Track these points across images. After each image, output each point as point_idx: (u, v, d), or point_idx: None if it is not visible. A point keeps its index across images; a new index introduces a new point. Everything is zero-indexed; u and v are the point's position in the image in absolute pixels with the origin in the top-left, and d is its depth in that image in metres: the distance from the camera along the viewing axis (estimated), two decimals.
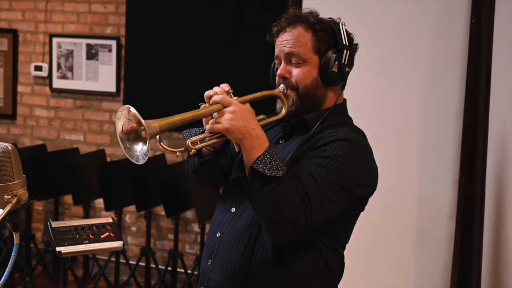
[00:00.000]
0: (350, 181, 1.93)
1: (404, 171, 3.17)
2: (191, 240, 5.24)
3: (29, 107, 5.70)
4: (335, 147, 1.94)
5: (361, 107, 2.83)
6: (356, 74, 2.21)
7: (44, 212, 5.69)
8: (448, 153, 3.10)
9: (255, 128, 1.88)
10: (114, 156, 5.39)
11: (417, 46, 3.18)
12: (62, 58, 5.54)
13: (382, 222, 3.15)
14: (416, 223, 3.14)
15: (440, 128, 3.13)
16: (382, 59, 3.22)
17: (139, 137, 1.83)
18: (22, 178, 1.72)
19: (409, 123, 3.19)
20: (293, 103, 2.06)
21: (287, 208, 1.82)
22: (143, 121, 1.79)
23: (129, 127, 1.84)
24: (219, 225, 2.10)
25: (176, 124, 1.89)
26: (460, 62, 3.05)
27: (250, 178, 1.86)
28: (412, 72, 3.18)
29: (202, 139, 1.95)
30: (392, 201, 3.15)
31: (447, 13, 3.10)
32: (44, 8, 5.56)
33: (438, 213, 3.10)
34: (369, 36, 3.00)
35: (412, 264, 3.13)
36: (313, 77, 2.05)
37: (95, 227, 2.71)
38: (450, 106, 3.10)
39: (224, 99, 1.90)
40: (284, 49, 2.06)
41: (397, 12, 3.19)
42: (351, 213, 2.08)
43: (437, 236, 3.10)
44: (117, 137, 1.87)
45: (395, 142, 3.16)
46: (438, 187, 3.11)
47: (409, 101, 3.19)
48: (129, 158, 1.86)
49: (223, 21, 5.01)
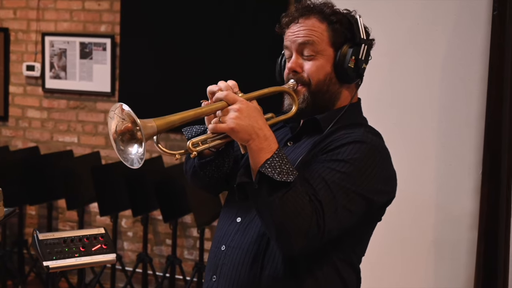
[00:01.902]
0: (367, 187, 1.76)
1: (420, 176, 2.95)
2: (190, 246, 5.07)
3: (21, 108, 5.51)
4: (350, 150, 1.77)
5: (374, 107, 2.60)
6: (368, 72, 1.98)
7: (37, 217, 5.51)
8: (468, 156, 2.88)
9: (263, 128, 1.71)
10: (109, 158, 5.21)
11: (433, 40, 2.94)
12: (55, 58, 5.32)
13: (396, 232, 2.90)
14: (433, 233, 2.93)
15: (459, 129, 2.90)
16: (395, 55, 3.00)
17: (134, 138, 1.66)
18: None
19: (425, 125, 2.96)
20: (304, 100, 1.89)
21: (298, 217, 1.65)
22: (138, 120, 1.62)
23: (123, 127, 1.67)
24: (224, 237, 1.93)
25: (175, 124, 1.70)
26: (481, 57, 2.83)
27: (257, 184, 1.68)
28: (428, 69, 2.95)
29: (204, 140, 1.77)
30: (407, 209, 2.91)
31: (466, 5, 2.86)
32: (36, 6, 5.36)
33: (458, 222, 2.88)
34: (380, 30, 2.71)
35: (429, 278, 2.92)
36: (326, 71, 1.88)
37: (85, 239, 2.51)
38: (470, 105, 2.88)
39: (229, 96, 1.72)
40: (297, 39, 1.88)
41: (411, 3, 2.93)
42: (368, 223, 1.89)
43: (457, 248, 2.88)
44: (110, 138, 1.70)
45: (411, 145, 2.94)
46: (457, 194, 2.90)
47: (425, 100, 2.96)
48: (122, 161, 1.69)
49: (220, 18, 4.82)
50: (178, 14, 4.88)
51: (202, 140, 1.75)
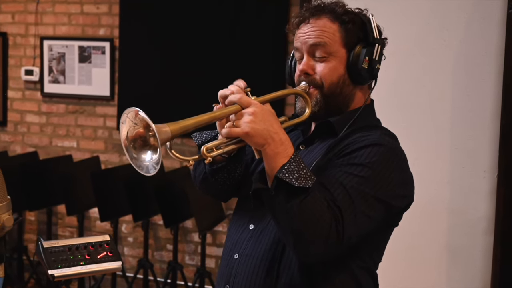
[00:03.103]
0: (386, 191, 1.68)
1: (434, 179, 2.82)
2: (191, 251, 4.96)
3: (20, 113, 5.38)
4: (368, 153, 1.69)
5: (385, 109, 2.50)
6: (379, 73, 1.86)
7: (36, 222, 5.39)
8: (483, 159, 2.75)
9: (278, 132, 1.62)
10: (108, 163, 5.10)
11: (445, 40, 2.82)
12: (54, 62, 5.20)
13: (409, 237, 2.77)
14: (447, 237, 2.79)
15: (474, 131, 2.77)
16: (406, 55, 2.87)
17: (147, 145, 1.59)
18: (6, 201, 1.58)
19: (438, 126, 2.83)
20: (317, 103, 1.81)
21: (317, 223, 1.57)
22: (154, 125, 1.53)
23: (134, 133, 1.59)
24: (236, 245, 1.84)
25: (189, 129, 1.63)
26: (495, 56, 2.71)
27: (274, 190, 1.60)
28: (440, 69, 2.81)
29: (218, 145, 1.68)
30: (420, 214, 2.75)
31: (479, 3, 2.73)
32: (34, 10, 5.24)
33: (473, 226, 2.75)
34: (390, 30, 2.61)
35: (443, 284, 2.79)
36: (339, 73, 1.79)
37: (91, 247, 2.47)
38: (485, 106, 2.74)
39: (243, 99, 1.64)
40: (308, 41, 1.79)
41: (422, 2, 2.82)
42: (386, 229, 1.82)
43: (472, 253, 2.75)
44: (122, 145, 1.62)
45: (423, 147, 2.82)
46: (472, 197, 2.77)
47: (438, 101, 2.83)
48: (137, 169, 1.61)
49: (220, 19, 4.70)
50: (177, 17, 4.78)
51: (216, 145, 1.67)
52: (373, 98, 1.91)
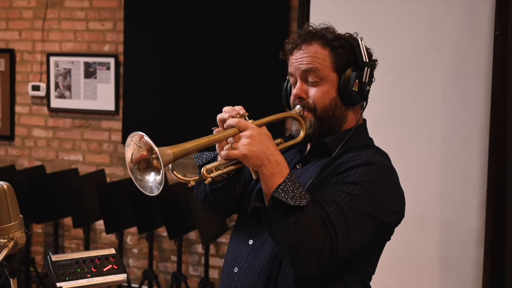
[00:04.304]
0: (378, 208, 1.75)
1: (426, 193, 2.87)
2: (195, 262, 4.99)
3: (27, 128, 5.44)
4: (360, 172, 1.75)
5: (377, 125, 2.56)
6: (371, 91, 1.94)
7: (43, 234, 5.42)
8: (473, 174, 2.81)
9: (274, 153, 1.70)
10: (114, 176, 5.14)
11: (435, 59, 2.89)
12: (60, 77, 5.26)
13: (401, 249, 2.82)
14: (439, 249, 2.84)
15: (464, 146, 2.84)
16: (398, 73, 2.94)
17: (151, 166, 1.67)
18: (19, 219, 1.58)
19: (430, 142, 2.89)
20: (311, 126, 1.88)
21: (312, 240, 1.64)
22: (157, 148, 1.61)
23: (138, 156, 1.67)
24: (236, 259, 1.90)
25: (190, 151, 1.70)
26: (484, 75, 2.76)
27: (271, 208, 1.66)
28: (432, 87, 2.89)
29: (217, 166, 1.76)
30: (412, 227, 2.81)
31: (469, 24, 2.78)
32: (41, 27, 5.31)
33: (464, 239, 2.80)
34: (383, 49, 2.69)
35: None
36: (331, 96, 1.86)
37: (97, 260, 2.50)
38: (474, 123, 2.82)
39: (240, 123, 1.72)
40: (301, 66, 1.87)
41: (413, 23, 2.91)
42: (378, 243, 1.88)
43: (463, 264, 2.79)
44: (127, 167, 1.69)
45: (415, 162, 2.87)
46: (463, 211, 2.82)
47: (429, 118, 2.90)
48: (141, 189, 1.68)
49: (222, 35, 4.75)
50: (180, 33, 4.83)
51: (215, 166, 1.74)
52: (367, 115, 1.97)
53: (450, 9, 2.82)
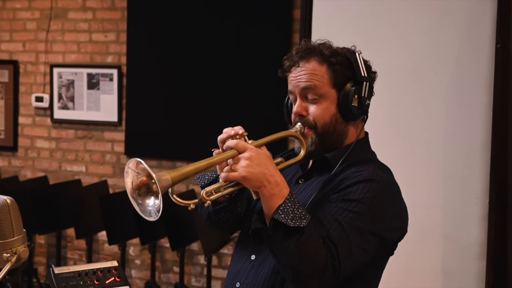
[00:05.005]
0: (380, 225, 1.73)
1: (428, 206, 2.86)
2: (197, 273, 4.98)
3: (30, 139, 5.44)
4: (361, 189, 1.74)
5: (379, 138, 2.55)
6: (372, 103, 1.93)
7: (46, 245, 5.42)
8: (475, 186, 2.80)
9: (273, 174, 1.68)
10: (116, 187, 5.14)
11: (437, 72, 2.88)
12: (63, 88, 5.27)
13: (404, 262, 2.80)
14: (441, 262, 2.82)
15: (465, 159, 2.83)
16: (399, 86, 2.93)
17: (151, 191, 1.66)
18: (22, 233, 1.59)
19: (431, 155, 2.89)
20: (313, 143, 1.87)
21: (314, 259, 1.63)
22: (154, 174, 1.60)
23: (138, 182, 1.66)
24: (238, 274, 1.90)
25: (189, 175, 1.69)
26: (485, 88, 2.76)
27: (271, 229, 1.66)
28: (433, 100, 2.88)
29: (217, 188, 1.75)
30: (415, 239, 2.73)
31: (470, 37, 2.78)
32: (44, 39, 5.32)
33: (466, 251, 2.79)
34: (383, 62, 2.70)
35: None
36: (331, 113, 1.85)
37: (99, 272, 2.49)
38: (476, 136, 2.81)
39: (239, 144, 1.71)
40: (300, 84, 1.86)
41: (414, 36, 2.90)
42: (381, 259, 1.86)
43: (466, 277, 2.78)
44: (128, 196, 1.67)
45: (417, 175, 2.86)
46: (465, 223, 2.81)
47: (430, 131, 2.89)
48: (141, 214, 1.68)
49: (225, 45, 4.75)
50: (183, 45, 4.84)
51: (215, 189, 1.74)
52: (368, 128, 1.95)
53: (451, 22, 2.82)
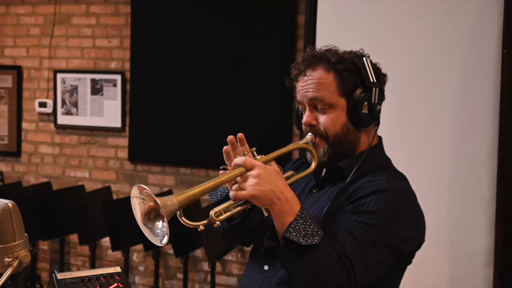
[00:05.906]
0: (395, 236, 1.70)
1: (434, 212, 2.75)
2: (201, 280, 4.96)
3: (34, 144, 5.44)
4: (375, 200, 1.70)
5: (384, 144, 2.53)
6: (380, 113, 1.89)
7: (49, 251, 5.41)
8: (482, 193, 2.77)
9: (283, 191, 1.64)
10: (120, 193, 5.13)
11: (443, 77, 2.84)
12: (67, 94, 5.27)
13: (410, 268, 2.75)
14: (448, 269, 2.78)
15: (472, 166, 2.79)
16: (405, 92, 2.89)
17: (159, 215, 1.61)
18: (24, 238, 1.58)
19: (437, 161, 2.85)
20: (325, 153, 1.83)
21: (329, 276, 1.60)
22: (159, 200, 1.57)
23: (146, 207, 1.63)
24: (251, 283, 1.88)
25: (196, 197, 1.65)
26: (491, 94, 2.73)
27: (283, 248, 1.63)
28: (438, 106, 2.85)
29: (227, 208, 1.71)
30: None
31: (476, 43, 2.76)
32: (48, 44, 5.33)
33: (473, 258, 2.75)
34: (390, 68, 2.67)
35: None
36: (342, 122, 1.81)
37: (102, 278, 2.47)
38: (482, 141, 2.77)
39: (247, 162, 1.66)
40: (307, 94, 1.82)
41: (420, 42, 2.87)
42: (398, 269, 1.83)
43: (472, 284, 2.75)
44: (139, 225, 1.63)
45: (423, 181, 2.77)
46: (471, 230, 2.77)
47: (436, 137, 2.85)
48: (151, 240, 1.64)
49: (229, 51, 4.75)
50: (187, 50, 4.83)
51: (224, 208, 1.69)
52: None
53: (457, 27, 2.80)
